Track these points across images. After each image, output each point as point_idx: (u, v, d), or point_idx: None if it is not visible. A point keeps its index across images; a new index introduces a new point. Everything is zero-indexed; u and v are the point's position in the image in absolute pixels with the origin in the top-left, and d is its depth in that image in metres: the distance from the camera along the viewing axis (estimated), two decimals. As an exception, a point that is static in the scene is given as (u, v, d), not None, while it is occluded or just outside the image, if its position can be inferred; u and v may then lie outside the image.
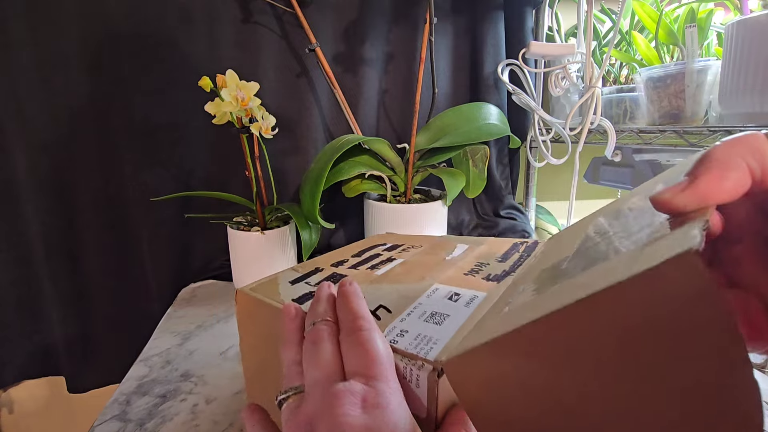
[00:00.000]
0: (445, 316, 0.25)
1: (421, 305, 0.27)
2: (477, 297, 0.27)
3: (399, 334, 0.24)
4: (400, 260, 0.36)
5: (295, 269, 0.37)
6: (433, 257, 0.36)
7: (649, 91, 0.55)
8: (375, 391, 0.20)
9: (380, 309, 0.28)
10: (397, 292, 0.30)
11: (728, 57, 0.45)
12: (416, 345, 0.23)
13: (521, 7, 0.72)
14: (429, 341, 0.23)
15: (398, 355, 0.23)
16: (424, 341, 0.23)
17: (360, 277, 0.33)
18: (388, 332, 0.24)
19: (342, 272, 0.35)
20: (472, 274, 0.31)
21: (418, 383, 0.22)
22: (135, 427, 0.35)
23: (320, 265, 0.37)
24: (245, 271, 0.59)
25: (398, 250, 0.39)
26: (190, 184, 0.66)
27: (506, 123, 0.68)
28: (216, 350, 0.47)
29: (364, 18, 0.66)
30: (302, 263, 0.38)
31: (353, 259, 0.39)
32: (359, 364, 0.22)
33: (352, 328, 0.24)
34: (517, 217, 0.78)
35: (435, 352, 0.22)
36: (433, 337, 0.23)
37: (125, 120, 0.62)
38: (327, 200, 0.70)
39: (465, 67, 0.74)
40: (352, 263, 0.37)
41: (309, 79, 0.66)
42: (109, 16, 0.58)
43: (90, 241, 0.65)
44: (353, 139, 0.59)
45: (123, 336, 0.68)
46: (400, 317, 0.26)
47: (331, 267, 0.37)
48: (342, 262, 0.38)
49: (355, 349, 0.22)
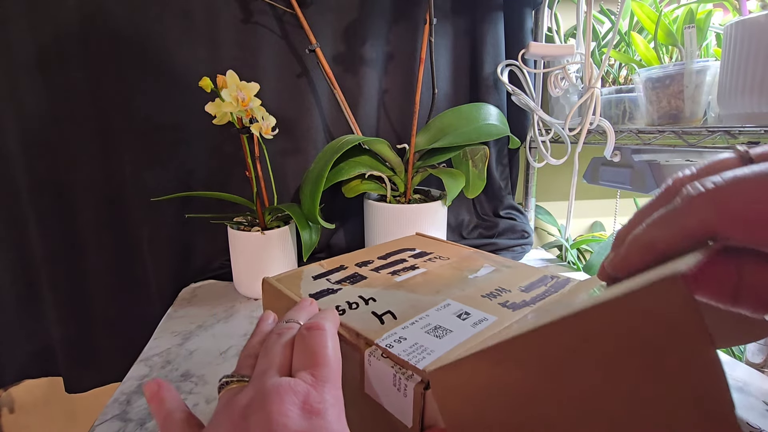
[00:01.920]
0: (448, 331, 0.25)
1: (428, 317, 0.27)
2: (487, 320, 0.27)
3: (397, 339, 0.24)
4: (422, 270, 0.36)
5: (321, 265, 0.38)
6: (457, 272, 0.36)
7: (648, 92, 0.55)
8: (318, 395, 0.20)
9: (387, 314, 0.28)
10: (409, 301, 0.30)
11: (727, 58, 0.45)
12: (410, 353, 0.23)
13: (521, 8, 0.72)
14: (423, 351, 0.23)
15: (390, 362, 0.23)
16: (418, 350, 0.23)
17: (379, 281, 0.34)
18: (386, 336, 0.25)
19: (364, 273, 0.36)
20: (490, 298, 0.30)
21: (405, 392, 0.22)
22: (135, 427, 0.36)
23: (345, 263, 0.38)
24: (245, 271, 0.60)
25: (424, 259, 0.39)
26: (191, 185, 0.66)
27: (506, 123, 0.68)
28: (216, 350, 0.47)
29: (364, 18, 0.66)
30: (329, 260, 0.39)
31: (378, 261, 0.39)
32: (307, 362, 0.21)
33: (310, 326, 0.24)
34: (516, 218, 0.79)
35: (426, 362, 0.22)
36: (429, 348, 0.23)
37: (125, 120, 0.62)
38: (327, 200, 0.70)
39: (465, 67, 0.74)
40: (376, 265, 0.38)
41: (309, 80, 0.66)
42: (110, 16, 0.58)
43: (90, 241, 0.65)
44: (353, 140, 0.59)
45: (123, 336, 0.68)
46: (402, 324, 0.26)
47: (355, 267, 0.37)
48: (367, 262, 0.38)
49: (306, 347, 0.22)
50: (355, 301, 0.30)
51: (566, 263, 0.76)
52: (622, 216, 0.94)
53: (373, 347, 0.24)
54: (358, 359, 0.25)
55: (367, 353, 0.24)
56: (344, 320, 0.27)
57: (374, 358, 0.24)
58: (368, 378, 0.24)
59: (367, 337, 0.25)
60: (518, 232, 0.76)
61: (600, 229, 0.94)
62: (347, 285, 0.33)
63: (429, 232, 0.63)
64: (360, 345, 0.25)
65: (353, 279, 0.35)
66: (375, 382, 0.24)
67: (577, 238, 0.88)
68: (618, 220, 0.92)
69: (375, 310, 0.29)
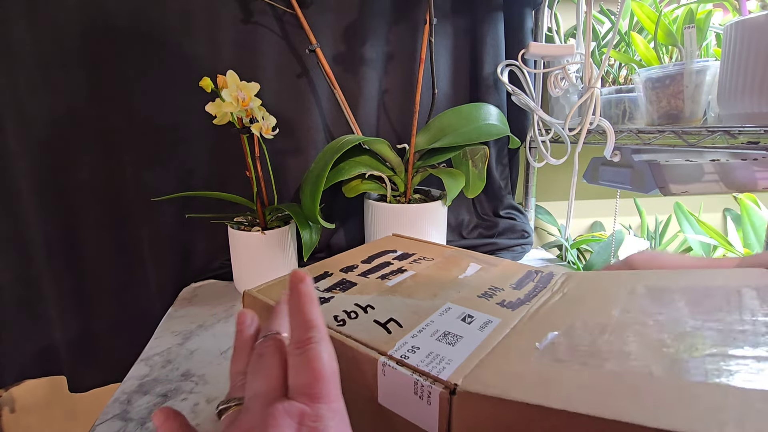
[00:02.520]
0: (459, 337, 0.25)
1: (434, 323, 0.27)
2: (492, 322, 0.27)
3: (410, 349, 0.24)
4: (411, 272, 0.36)
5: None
6: (446, 273, 0.36)
7: (648, 92, 0.55)
8: (315, 414, 0.20)
9: (391, 322, 0.28)
10: (408, 307, 0.30)
11: (727, 58, 0.45)
12: (428, 363, 0.23)
13: (521, 8, 0.72)
14: (441, 360, 0.23)
15: (408, 370, 0.23)
16: (436, 360, 0.23)
17: (371, 287, 0.34)
18: (398, 347, 0.24)
19: (352, 279, 0.35)
20: (486, 298, 0.30)
21: (429, 401, 0.22)
22: (136, 426, 0.36)
23: (329, 269, 0.38)
24: (246, 270, 0.60)
25: (409, 261, 0.39)
26: (191, 184, 0.66)
27: (506, 123, 0.68)
28: (216, 350, 0.47)
29: (365, 18, 0.66)
30: (311, 266, 0.38)
31: (363, 265, 0.39)
32: (303, 382, 0.21)
33: (302, 339, 0.23)
34: (516, 217, 0.79)
35: (448, 372, 0.22)
36: (446, 356, 0.23)
37: (126, 120, 0.62)
38: (327, 200, 0.71)
39: (465, 67, 0.74)
40: (362, 270, 0.37)
41: (309, 80, 0.67)
42: (110, 16, 0.59)
43: (90, 241, 0.65)
44: (353, 140, 0.59)
45: (124, 335, 0.68)
46: (411, 333, 0.26)
47: (341, 272, 0.37)
48: (351, 267, 0.38)
49: (300, 364, 0.22)
50: (352, 310, 0.30)
51: (566, 263, 0.76)
52: (622, 216, 0.94)
53: (386, 358, 0.24)
54: (369, 371, 0.24)
55: (380, 364, 0.24)
56: (347, 331, 0.27)
57: (389, 368, 0.23)
58: (383, 389, 0.24)
59: (377, 348, 0.25)
60: (518, 232, 0.76)
61: (600, 229, 0.94)
62: (339, 293, 0.33)
63: (429, 231, 0.63)
64: (371, 356, 0.24)
65: (343, 286, 0.34)
66: (391, 392, 0.23)
67: (577, 237, 0.88)
68: (618, 220, 0.92)
69: (377, 318, 0.28)
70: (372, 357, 0.24)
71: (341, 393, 0.22)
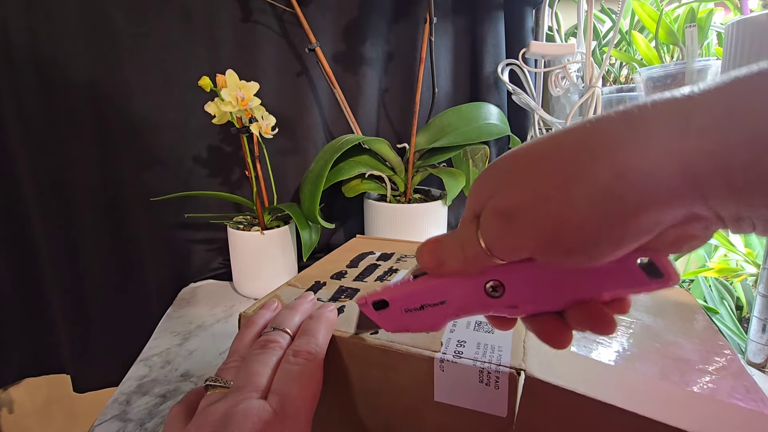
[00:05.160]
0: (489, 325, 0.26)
1: None
2: None
3: (458, 343, 0.25)
4: (405, 270, 0.36)
5: (292, 284, 0.35)
6: None
7: (649, 91, 0.55)
8: (277, 427, 0.21)
9: None
10: None
11: (728, 57, 0.45)
12: (483, 352, 0.24)
13: (521, 7, 0.72)
14: (493, 348, 0.24)
15: (470, 361, 0.24)
16: (488, 348, 0.24)
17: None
18: (447, 343, 0.25)
19: (351, 285, 0.34)
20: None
21: (498, 385, 0.23)
22: (135, 427, 0.35)
23: (319, 278, 0.36)
24: (245, 270, 0.60)
25: (394, 260, 0.39)
26: (190, 184, 0.66)
27: (506, 123, 0.68)
28: (216, 350, 0.47)
29: (364, 17, 0.66)
30: (298, 276, 0.37)
31: (351, 270, 0.38)
32: (281, 389, 0.23)
33: (299, 351, 0.24)
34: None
35: (507, 358, 0.23)
36: (494, 344, 0.25)
37: (125, 120, 0.62)
38: (327, 200, 0.70)
39: (465, 66, 0.74)
40: (354, 275, 0.37)
41: (309, 79, 0.66)
42: (109, 16, 0.58)
43: (90, 240, 0.65)
44: (353, 139, 0.59)
45: (122, 336, 0.68)
46: (448, 328, 0.27)
47: (333, 280, 0.36)
48: (341, 274, 0.37)
49: (285, 374, 0.23)
50: None
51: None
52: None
53: (442, 354, 0.24)
54: (422, 370, 0.25)
55: (437, 362, 0.24)
56: (386, 338, 0.26)
57: (448, 363, 0.24)
58: (441, 385, 0.24)
59: (427, 347, 0.25)
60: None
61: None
62: (347, 300, 0.32)
63: (429, 231, 0.63)
64: (426, 356, 0.24)
65: (347, 293, 0.33)
66: (452, 385, 0.24)
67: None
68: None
69: None
70: (427, 356, 0.25)
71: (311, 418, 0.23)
